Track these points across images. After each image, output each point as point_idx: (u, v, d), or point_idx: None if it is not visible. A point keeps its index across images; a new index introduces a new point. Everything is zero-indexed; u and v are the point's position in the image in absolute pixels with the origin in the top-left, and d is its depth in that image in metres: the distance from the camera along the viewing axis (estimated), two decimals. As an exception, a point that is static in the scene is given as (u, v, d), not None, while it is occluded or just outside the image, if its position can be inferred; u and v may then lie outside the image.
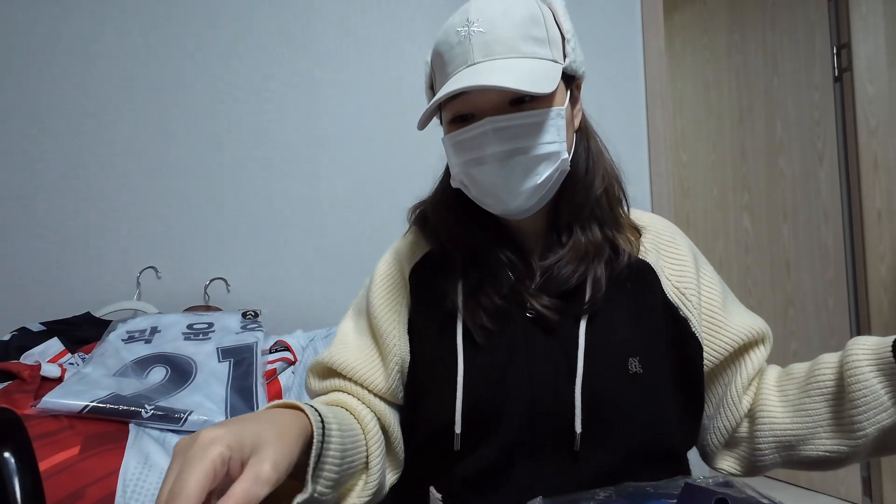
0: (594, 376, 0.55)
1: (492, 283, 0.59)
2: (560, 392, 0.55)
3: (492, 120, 0.54)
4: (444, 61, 0.56)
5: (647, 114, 1.71)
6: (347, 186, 1.56)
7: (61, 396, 0.85)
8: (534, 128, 0.54)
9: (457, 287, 0.60)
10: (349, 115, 1.58)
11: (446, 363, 0.58)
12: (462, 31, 0.54)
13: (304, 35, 1.57)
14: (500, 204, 0.57)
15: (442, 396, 0.57)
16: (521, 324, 0.58)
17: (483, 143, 0.55)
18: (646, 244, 0.63)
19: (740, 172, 2.18)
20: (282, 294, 1.51)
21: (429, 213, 0.67)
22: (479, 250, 0.61)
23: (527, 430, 0.55)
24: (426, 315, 0.62)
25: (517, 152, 0.54)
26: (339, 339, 0.67)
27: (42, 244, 1.43)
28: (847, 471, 1.88)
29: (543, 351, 0.57)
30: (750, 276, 2.15)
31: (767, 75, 2.08)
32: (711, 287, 0.63)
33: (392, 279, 0.66)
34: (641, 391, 0.56)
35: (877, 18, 1.82)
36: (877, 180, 1.82)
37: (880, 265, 1.82)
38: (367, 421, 0.57)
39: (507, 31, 0.54)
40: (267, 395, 1.05)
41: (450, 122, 0.58)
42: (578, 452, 0.54)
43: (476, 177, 0.57)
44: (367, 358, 0.63)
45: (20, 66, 1.44)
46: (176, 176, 1.49)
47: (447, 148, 0.60)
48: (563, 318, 0.57)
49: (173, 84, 1.51)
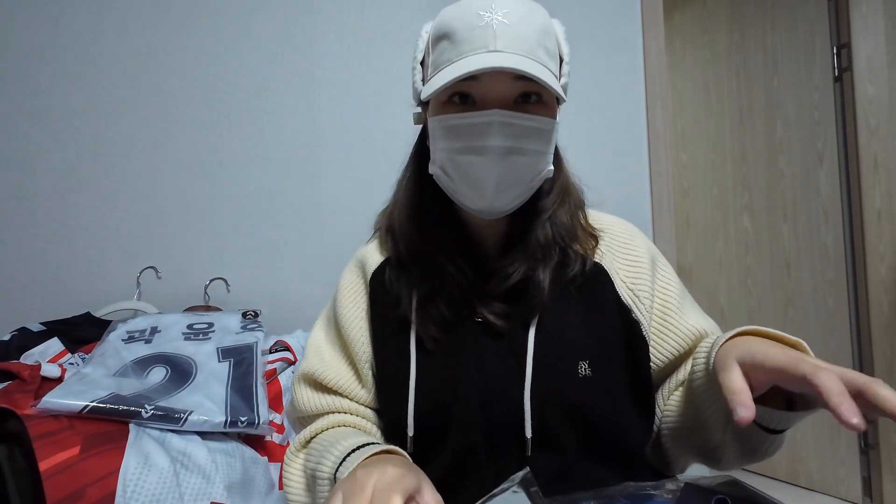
0: (543, 380, 0.55)
1: (442, 293, 0.59)
2: (510, 397, 0.55)
3: (500, 113, 0.52)
4: (459, 39, 0.54)
5: (647, 114, 1.71)
6: (347, 186, 1.56)
7: (61, 396, 0.85)
8: (536, 133, 0.55)
9: (410, 295, 0.60)
10: (349, 115, 1.58)
11: (400, 369, 0.59)
12: (486, 16, 0.53)
13: (304, 35, 1.57)
14: (482, 200, 0.56)
15: (396, 401, 0.59)
16: (472, 330, 0.59)
17: (485, 132, 0.53)
18: (601, 248, 0.63)
19: (740, 172, 2.18)
20: (282, 294, 1.51)
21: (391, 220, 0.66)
22: (433, 260, 0.60)
23: (480, 435, 0.56)
24: (383, 320, 0.63)
25: (516, 152, 0.54)
26: (313, 350, 0.68)
27: (42, 244, 1.43)
28: (847, 470, 1.88)
29: (493, 356, 0.57)
30: (750, 276, 2.15)
31: (767, 75, 2.08)
32: (667, 289, 0.62)
33: (355, 286, 0.68)
34: (591, 394, 0.56)
35: (877, 18, 1.82)
36: (877, 180, 1.82)
37: (880, 265, 1.82)
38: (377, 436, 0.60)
39: (529, 31, 0.54)
40: (267, 395, 1.05)
41: (445, 102, 0.56)
42: (529, 458, 0.54)
43: (464, 166, 0.55)
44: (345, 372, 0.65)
45: (20, 66, 1.44)
46: (176, 176, 1.49)
47: (435, 130, 0.57)
48: (511, 323, 0.58)
49: (173, 84, 1.51)
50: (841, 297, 1.90)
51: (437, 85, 0.53)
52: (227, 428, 0.92)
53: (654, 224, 1.67)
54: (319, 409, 0.64)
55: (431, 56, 0.57)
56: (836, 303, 1.91)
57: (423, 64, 0.60)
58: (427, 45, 0.59)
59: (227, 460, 0.88)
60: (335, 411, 0.64)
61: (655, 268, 0.63)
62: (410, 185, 0.65)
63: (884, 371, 1.81)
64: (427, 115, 0.60)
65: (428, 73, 0.58)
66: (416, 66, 0.60)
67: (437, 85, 0.53)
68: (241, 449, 0.93)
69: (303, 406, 0.65)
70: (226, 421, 0.92)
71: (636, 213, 1.66)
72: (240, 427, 0.93)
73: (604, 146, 1.67)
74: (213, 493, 0.83)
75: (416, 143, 0.68)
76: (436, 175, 0.59)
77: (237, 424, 0.93)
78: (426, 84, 0.57)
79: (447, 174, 0.57)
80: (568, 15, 1.70)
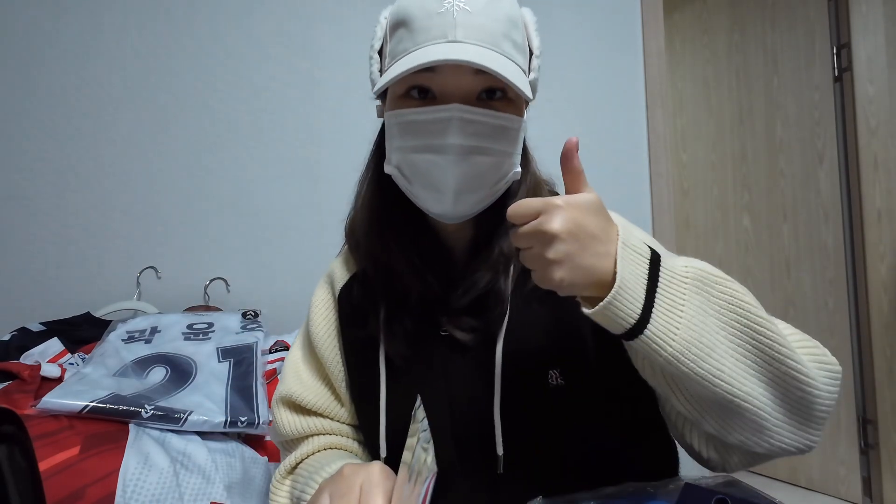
0: (513, 394, 0.52)
1: (406, 307, 0.57)
2: (480, 413, 0.52)
3: (460, 108, 0.47)
4: (415, 28, 0.49)
5: (647, 114, 1.71)
6: (347, 186, 1.55)
7: (61, 396, 0.85)
8: (501, 132, 0.50)
9: (378, 311, 0.58)
10: (349, 115, 1.58)
11: (371, 389, 0.58)
12: (446, 2, 0.49)
13: (304, 35, 1.57)
14: (440, 204, 0.52)
15: (369, 422, 0.58)
16: (439, 345, 0.56)
17: (444, 130, 0.48)
18: None
19: (740, 172, 2.18)
20: (282, 294, 1.51)
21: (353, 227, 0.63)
22: (396, 271, 0.57)
23: (454, 454, 0.54)
24: (353, 338, 0.61)
25: (478, 151, 0.49)
26: (290, 371, 0.65)
27: (42, 244, 1.43)
28: (847, 470, 1.88)
29: (461, 372, 0.55)
30: (750, 276, 2.15)
31: (767, 75, 2.08)
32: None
33: (325, 304, 0.65)
34: (565, 404, 0.52)
35: (877, 18, 1.82)
36: (877, 180, 1.82)
37: (880, 265, 1.82)
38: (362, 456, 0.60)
39: (492, 21, 0.49)
40: (267, 395, 1.05)
41: (401, 96, 0.51)
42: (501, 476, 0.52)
43: (421, 166, 0.50)
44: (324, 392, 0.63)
45: (20, 66, 1.44)
46: (176, 176, 1.49)
47: (390, 128, 0.53)
48: (478, 336, 0.55)
49: (173, 84, 1.51)
50: (841, 297, 1.90)
51: (390, 76, 0.48)
52: (226, 428, 0.92)
53: (654, 224, 1.67)
54: (301, 432, 0.62)
55: (389, 45, 0.53)
56: (836, 303, 1.91)
57: (381, 53, 0.55)
58: (385, 33, 0.54)
59: (227, 460, 0.88)
60: (318, 433, 0.62)
61: None
62: (371, 186, 0.60)
63: (884, 371, 1.81)
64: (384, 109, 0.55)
65: (385, 63, 0.54)
66: (372, 54, 0.55)
67: (389, 76, 0.48)
68: (240, 449, 0.93)
69: (284, 430, 0.63)
70: (226, 421, 0.92)
71: (636, 213, 1.66)
72: (240, 427, 0.93)
73: (604, 146, 1.67)
74: (213, 493, 0.83)
75: (377, 138, 0.63)
76: (392, 175, 0.54)
77: (237, 424, 0.93)
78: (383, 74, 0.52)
79: (404, 175, 0.53)
80: (568, 15, 1.71)
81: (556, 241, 0.40)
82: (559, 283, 0.41)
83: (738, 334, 0.44)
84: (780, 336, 0.45)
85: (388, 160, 0.54)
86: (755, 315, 0.44)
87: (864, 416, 1.87)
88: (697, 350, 0.42)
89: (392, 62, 0.51)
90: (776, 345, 0.44)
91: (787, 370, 0.44)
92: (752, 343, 0.44)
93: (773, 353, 0.44)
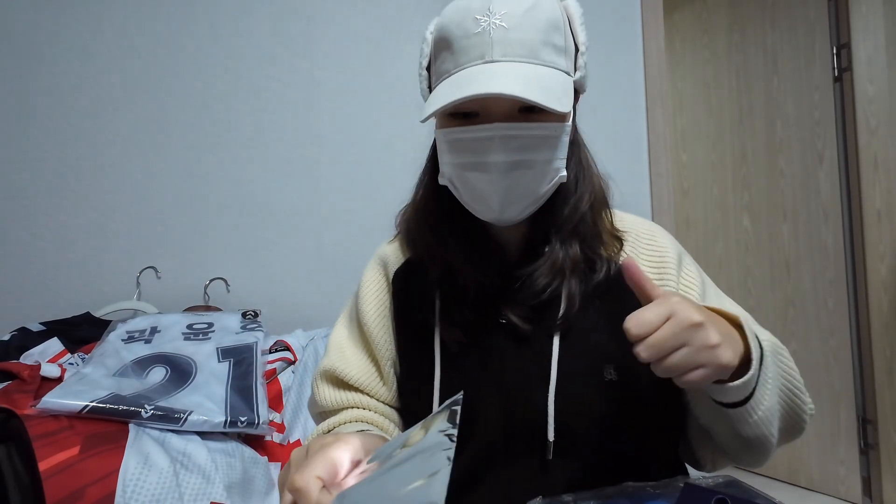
0: (568, 384, 0.54)
1: (465, 297, 0.58)
2: (533, 401, 0.54)
3: (501, 126, 0.50)
4: (456, 49, 0.52)
5: (647, 114, 1.71)
6: (347, 186, 1.56)
7: (61, 396, 0.85)
8: (542, 141, 0.52)
9: (433, 298, 0.60)
10: (348, 115, 1.58)
11: (424, 371, 0.59)
12: (482, 21, 0.50)
13: (304, 35, 1.57)
14: (491, 213, 0.55)
15: (420, 401, 0.59)
16: (496, 333, 0.58)
17: (486, 148, 0.51)
18: (626, 249, 0.61)
19: (740, 172, 2.18)
20: (282, 294, 1.51)
21: (410, 222, 0.65)
22: (455, 264, 0.59)
23: (500, 438, 0.56)
24: (407, 320, 0.63)
25: (521, 165, 0.52)
26: (335, 347, 0.67)
27: (42, 244, 1.43)
28: (847, 470, 1.88)
29: (516, 359, 0.57)
30: (750, 276, 2.15)
31: (767, 75, 2.08)
32: (689, 288, 0.60)
33: (378, 285, 0.67)
34: (617, 399, 0.55)
35: (877, 18, 1.82)
36: (877, 180, 1.82)
37: (880, 265, 1.82)
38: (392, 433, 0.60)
39: (529, 33, 0.50)
40: (267, 395, 1.05)
41: (448, 115, 0.54)
42: (550, 461, 0.54)
43: (470, 181, 0.54)
44: (367, 369, 0.65)
45: (20, 66, 1.44)
46: (176, 176, 1.49)
47: (440, 143, 0.56)
48: (536, 327, 0.57)
49: (172, 84, 1.51)
50: (841, 297, 1.90)
51: (432, 108, 0.50)
52: (226, 428, 0.92)
53: (654, 224, 1.67)
54: (340, 404, 0.64)
55: (435, 63, 0.56)
56: (836, 303, 1.91)
57: (429, 69, 0.58)
58: (431, 50, 0.57)
59: (227, 460, 0.88)
60: (356, 406, 0.64)
61: (681, 266, 0.61)
62: (427, 191, 0.63)
63: (884, 371, 1.81)
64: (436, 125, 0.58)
65: (433, 81, 0.56)
66: (421, 72, 0.58)
67: (431, 107, 0.50)
68: (240, 449, 0.93)
69: (324, 402, 0.65)
70: (225, 421, 0.92)
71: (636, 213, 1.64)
72: (239, 427, 0.93)
73: (604, 146, 1.66)
74: (213, 493, 0.83)
75: (432, 147, 0.65)
76: (447, 184, 0.58)
77: (237, 424, 0.93)
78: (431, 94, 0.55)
79: (455, 186, 0.56)
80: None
81: (707, 326, 0.42)
82: (729, 363, 0.43)
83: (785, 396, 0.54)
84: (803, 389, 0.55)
85: (442, 173, 0.57)
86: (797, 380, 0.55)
87: (863, 416, 1.87)
88: (770, 414, 0.50)
89: (437, 81, 0.54)
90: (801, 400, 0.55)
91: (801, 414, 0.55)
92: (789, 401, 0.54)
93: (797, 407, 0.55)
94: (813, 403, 0.58)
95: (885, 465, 1.81)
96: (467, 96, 0.47)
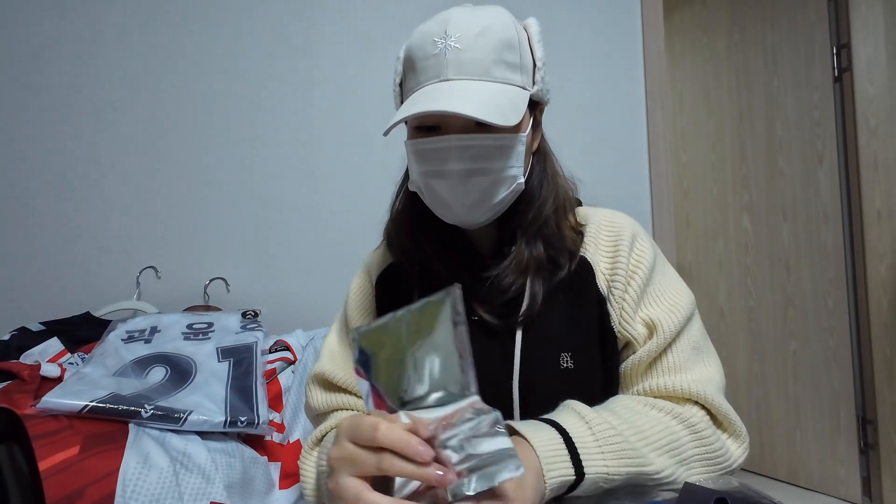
0: (529, 373, 0.60)
1: None
2: (500, 389, 0.60)
3: (457, 137, 0.55)
4: (417, 69, 0.58)
5: (647, 114, 1.71)
6: (346, 186, 1.56)
7: (61, 396, 0.85)
8: (496, 151, 0.57)
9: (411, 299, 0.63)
10: (348, 115, 1.58)
11: None
12: (439, 43, 0.55)
13: (303, 35, 1.57)
14: (453, 216, 0.60)
15: None
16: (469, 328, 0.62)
17: (445, 157, 0.56)
18: (586, 240, 0.65)
19: (740, 172, 2.18)
20: (282, 294, 1.51)
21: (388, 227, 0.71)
22: (430, 264, 0.64)
23: None
24: None
25: (477, 173, 0.57)
26: (326, 352, 0.71)
27: (42, 244, 1.43)
28: (847, 470, 1.88)
29: (486, 352, 0.60)
30: (750, 276, 2.15)
31: (767, 75, 2.08)
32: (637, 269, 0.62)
33: (363, 290, 0.72)
34: (572, 385, 0.59)
35: (877, 18, 1.82)
36: (877, 180, 1.82)
37: (880, 265, 1.82)
38: None
39: (482, 53, 0.55)
40: (266, 395, 1.05)
41: (415, 128, 0.59)
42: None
43: (434, 187, 0.59)
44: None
45: (19, 67, 1.44)
46: (176, 176, 1.49)
47: (409, 153, 0.61)
48: (503, 323, 0.61)
49: (172, 84, 1.51)
50: (841, 297, 1.90)
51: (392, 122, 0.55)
52: (226, 428, 0.92)
53: (653, 224, 1.67)
54: (329, 406, 0.68)
55: (404, 82, 0.61)
56: (836, 303, 1.91)
57: (401, 86, 0.63)
58: (401, 67, 0.62)
59: (227, 460, 0.88)
60: (344, 408, 0.67)
61: (634, 244, 0.64)
62: (404, 197, 0.69)
63: (883, 371, 1.81)
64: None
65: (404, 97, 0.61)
66: (395, 88, 0.63)
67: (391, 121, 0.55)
68: (240, 449, 0.93)
69: (314, 404, 0.69)
70: (225, 421, 0.92)
71: (636, 213, 1.65)
72: (239, 427, 0.93)
73: (604, 146, 1.67)
74: (213, 492, 0.83)
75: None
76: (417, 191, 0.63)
77: (237, 424, 0.93)
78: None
79: (422, 193, 0.62)
80: (568, 15, 1.71)
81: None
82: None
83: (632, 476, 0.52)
84: (645, 466, 0.51)
85: (411, 181, 0.63)
86: (636, 465, 0.51)
87: (863, 416, 1.87)
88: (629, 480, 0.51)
89: (404, 98, 0.60)
90: (647, 477, 0.52)
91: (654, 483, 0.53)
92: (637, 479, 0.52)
93: (647, 481, 0.52)
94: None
95: (884, 465, 1.81)
96: (418, 112, 0.52)
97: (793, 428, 2.01)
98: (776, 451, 2.06)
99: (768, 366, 2.09)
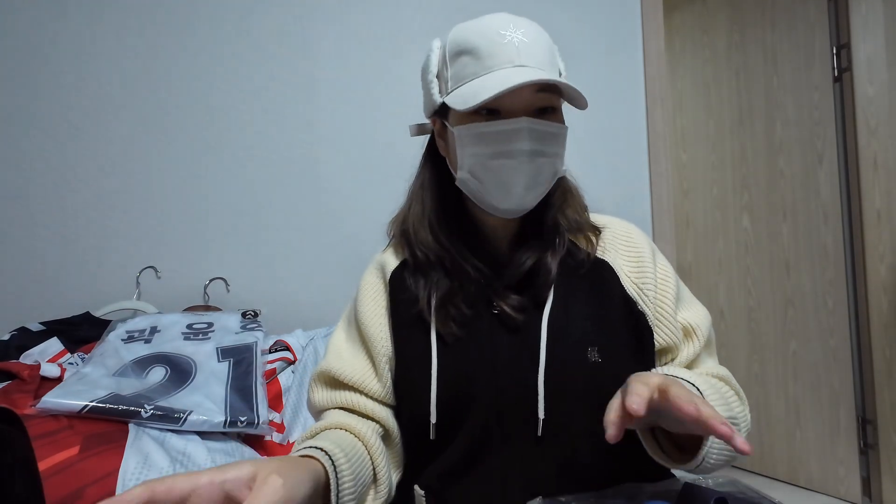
0: (555, 365, 0.60)
1: (461, 292, 0.64)
2: (524, 382, 0.60)
3: (529, 120, 0.58)
4: (483, 55, 0.59)
5: (647, 114, 1.71)
6: (347, 186, 1.56)
7: (61, 396, 0.85)
8: (555, 138, 0.61)
9: (429, 295, 0.65)
10: (349, 115, 1.58)
11: (422, 363, 0.63)
12: (507, 35, 0.59)
13: (304, 35, 1.57)
14: (511, 200, 0.61)
15: (419, 392, 0.62)
16: (488, 322, 0.63)
17: (515, 138, 0.58)
18: (604, 243, 0.68)
19: (740, 172, 2.18)
20: (282, 294, 1.51)
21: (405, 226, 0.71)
22: (449, 262, 0.66)
23: (495, 420, 0.60)
24: (403, 317, 0.67)
25: (542, 154, 0.60)
26: (333, 349, 0.71)
27: (42, 244, 1.43)
28: (846, 470, 1.88)
29: (509, 346, 0.62)
30: (750, 276, 2.15)
31: (767, 75, 2.08)
32: (666, 282, 0.66)
33: (375, 287, 0.72)
34: (600, 378, 0.60)
35: (877, 18, 1.82)
36: (877, 180, 1.82)
37: (880, 265, 1.82)
38: (367, 436, 0.61)
39: (542, 50, 0.60)
40: (266, 395, 1.05)
41: (471, 113, 0.60)
42: (542, 438, 0.58)
43: (495, 169, 0.60)
44: (362, 367, 0.68)
45: (19, 67, 1.44)
46: (175, 176, 1.49)
47: (463, 138, 0.61)
48: (526, 313, 0.62)
49: (172, 84, 1.51)
50: (841, 297, 1.90)
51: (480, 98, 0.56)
52: (226, 428, 0.92)
53: (654, 224, 1.67)
54: (331, 403, 0.67)
55: (450, 70, 0.62)
56: (836, 303, 1.91)
57: (439, 77, 0.64)
58: (442, 60, 0.63)
59: (227, 460, 0.88)
60: (347, 406, 0.66)
61: (655, 260, 0.67)
62: (426, 194, 0.70)
63: (883, 371, 1.81)
64: (447, 124, 0.65)
65: (447, 85, 0.62)
66: (431, 79, 0.65)
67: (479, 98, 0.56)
68: (240, 449, 0.93)
69: (316, 402, 0.69)
70: (225, 421, 0.92)
71: (636, 213, 1.66)
72: (239, 427, 0.93)
73: (604, 146, 1.67)
74: (213, 493, 0.82)
75: (426, 152, 0.73)
76: (463, 181, 0.63)
77: (237, 424, 0.93)
78: (451, 94, 0.61)
79: (477, 178, 0.62)
80: (568, 15, 1.71)
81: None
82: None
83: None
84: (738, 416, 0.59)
85: (461, 167, 0.63)
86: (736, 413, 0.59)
87: (863, 416, 1.87)
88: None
89: (459, 84, 0.61)
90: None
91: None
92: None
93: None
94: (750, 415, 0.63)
95: (884, 465, 1.81)
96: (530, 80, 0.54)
97: (793, 428, 2.01)
98: (776, 450, 2.06)
99: (768, 366, 2.09)
